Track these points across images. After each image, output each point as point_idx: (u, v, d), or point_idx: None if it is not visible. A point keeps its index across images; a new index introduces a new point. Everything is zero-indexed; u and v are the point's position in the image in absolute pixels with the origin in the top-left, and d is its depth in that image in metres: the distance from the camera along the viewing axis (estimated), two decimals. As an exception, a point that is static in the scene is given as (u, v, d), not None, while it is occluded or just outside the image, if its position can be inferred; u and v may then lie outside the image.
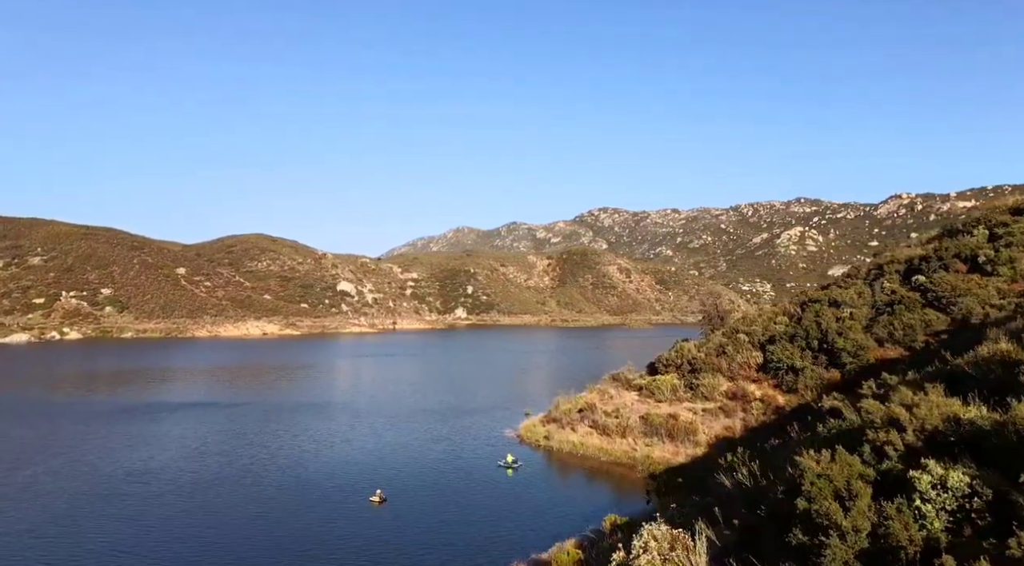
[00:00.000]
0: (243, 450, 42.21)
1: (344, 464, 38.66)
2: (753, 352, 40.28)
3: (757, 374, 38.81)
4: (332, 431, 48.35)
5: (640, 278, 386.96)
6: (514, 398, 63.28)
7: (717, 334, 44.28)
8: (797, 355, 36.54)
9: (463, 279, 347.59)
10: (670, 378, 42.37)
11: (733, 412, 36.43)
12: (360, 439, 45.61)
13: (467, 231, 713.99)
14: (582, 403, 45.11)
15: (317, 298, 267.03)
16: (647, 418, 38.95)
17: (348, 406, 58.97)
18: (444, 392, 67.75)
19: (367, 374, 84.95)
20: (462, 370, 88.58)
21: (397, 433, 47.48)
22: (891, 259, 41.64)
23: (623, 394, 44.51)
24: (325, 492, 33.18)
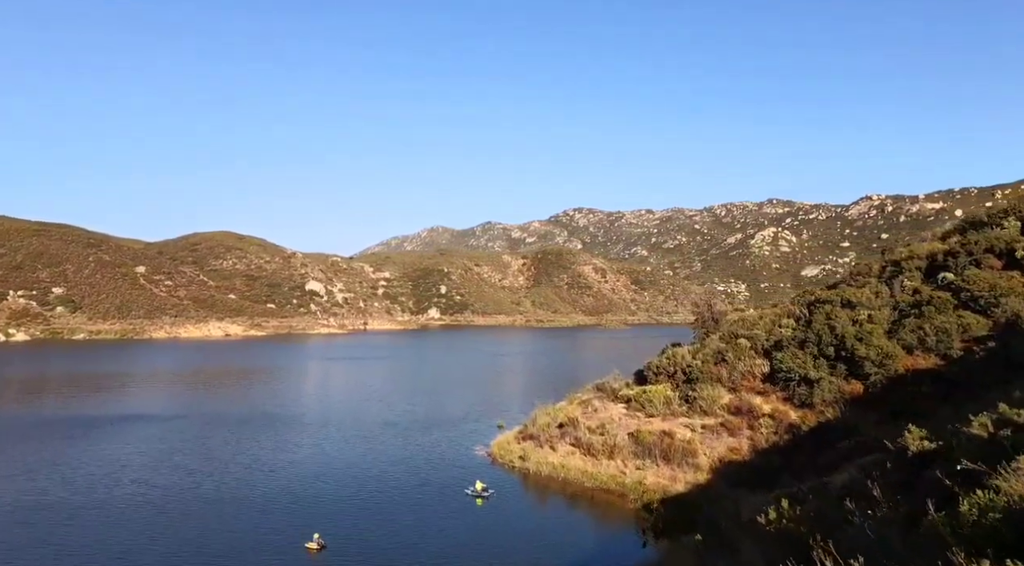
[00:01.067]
0: (164, 477, 36.05)
1: (283, 495, 32.77)
2: (757, 359, 35.40)
3: (763, 385, 33.95)
4: (277, 450, 42.36)
5: (615, 278, 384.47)
6: (487, 408, 57.84)
7: (714, 338, 39.33)
8: (810, 364, 31.72)
9: (437, 279, 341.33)
10: (662, 389, 37.29)
11: (738, 430, 31.50)
12: (307, 461, 39.69)
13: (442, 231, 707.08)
14: (562, 417, 39.83)
15: (285, 298, 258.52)
16: (638, 436, 33.79)
17: (302, 418, 52.94)
18: (411, 401, 62.01)
19: (329, 380, 78.72)
20: (432, 375, 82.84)
21: (352, 453, 41.63)
22: (909, 254, 37.15)
23: (608, 407, 39.32)
24: (253, 535, 27.31)
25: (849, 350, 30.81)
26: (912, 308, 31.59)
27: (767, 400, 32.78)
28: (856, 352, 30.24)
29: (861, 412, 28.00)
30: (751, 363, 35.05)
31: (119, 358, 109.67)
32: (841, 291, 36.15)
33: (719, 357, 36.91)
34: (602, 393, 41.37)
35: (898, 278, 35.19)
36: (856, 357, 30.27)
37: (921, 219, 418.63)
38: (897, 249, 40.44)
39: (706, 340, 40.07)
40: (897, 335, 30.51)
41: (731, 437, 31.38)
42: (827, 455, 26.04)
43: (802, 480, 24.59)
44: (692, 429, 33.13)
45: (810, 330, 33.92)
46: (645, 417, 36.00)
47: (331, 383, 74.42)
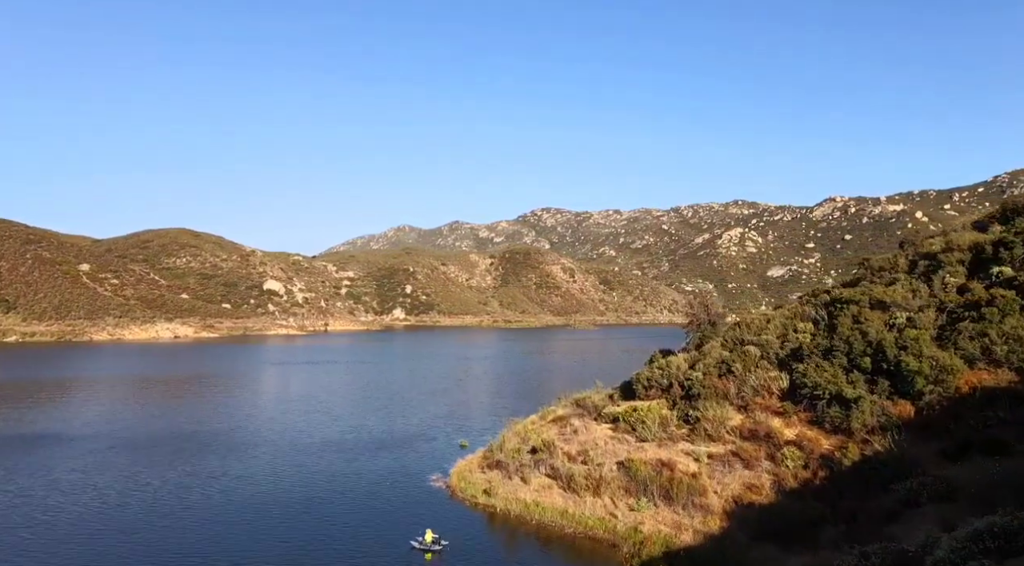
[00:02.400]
0: (37, 517, 28.37)
1: (171, 553, 25.40)
2: (771, 371, 29.32)
3: (781, 404, 27.87)
4: (189, 479, 34.75)
5: (584, 278, 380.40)
6: (448, 422, 50.91)
7: (715, 345, 33.14)
8: (842, 378, 25.75)
9: (402, 278, 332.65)
10: (656, 407, 30.95)
11: (754, 460, 25.36)
12: (219, 499, 32.21)
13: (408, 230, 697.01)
14: (536, 440, 33.20)
15: (241, 297, 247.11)
16: (629, 466, 27.34)
17: (230, 439, 45.24)
18: (363, 413, 54.69)
19: (273, 388, 70.77)
20: (389, 382, 75.43)
21: (279, 486, 34.25)
22: (946, 245, 31.54)
23: (591, 427, 32.83)
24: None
25: (891, 362, 24.94)
26: (966, 310, 25.96)
27: (788, 423, 26.70)
28: (903, 365, 24.37)
29: (917, 442, 22.12)
30: (764, 376, 28.94)
31: (47, 363, 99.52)
32: (867, 289, 30.31)
33: (724, 368, 30.72)
34: (582, 410, 34.86)
35: (937, 273, 29.64)
36: (902, 371, 24.43)
37: (883, 220, 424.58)
38: (926, 239, 34.93)
39: (705, 347, 33.85)
40: (951, 343, 24.82)
41: (747, 470, 25.21)
42: (881, 500, 19.95)
43: (856, 536, 18.44)
44: (696, 458, 26.81)
45: (835, 336, 27.96)
46: (636, 442, 29.59)
47: (274, 392, 66.52)
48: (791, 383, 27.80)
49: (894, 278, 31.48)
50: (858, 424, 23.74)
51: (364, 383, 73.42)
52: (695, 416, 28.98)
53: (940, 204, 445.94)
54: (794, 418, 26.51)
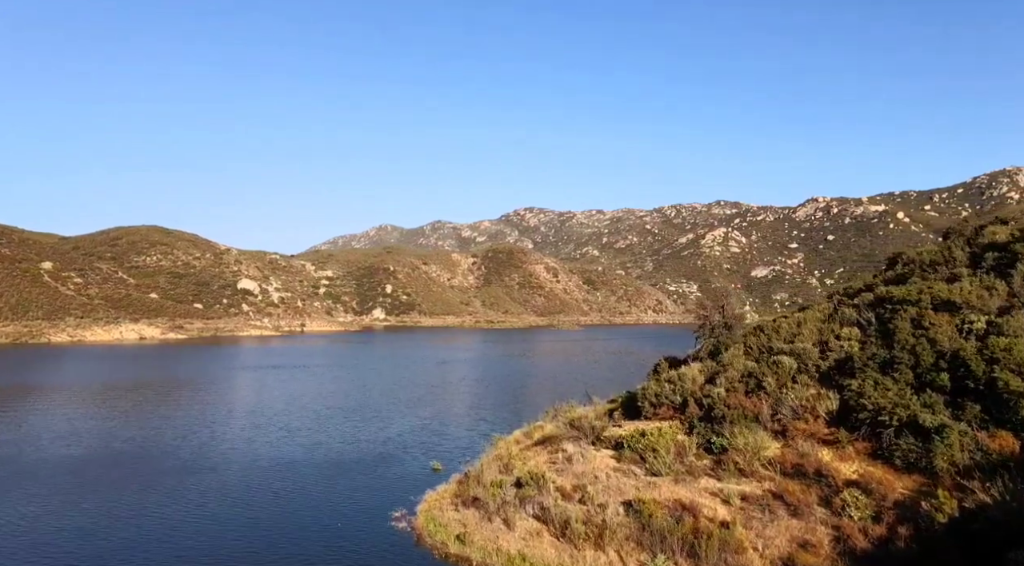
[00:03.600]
0: None
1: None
2: (811, 388, 23.73)
3: (830, 429, 22.26)
4: (91, 523, 28.40)
5: (567, 278, 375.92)
6: (421, 437, 44.83)
7: (736, 354, 27.48)
8: (913, 400, 20.20)
9: (382, 277, 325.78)
10: (670, 430, 25.19)
11: (804, 506, 19.70)
12: (130, 539, 26.01)
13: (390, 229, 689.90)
14: (521, 468, 27.30)
15: (213, 297, 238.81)
16: (640, 510, 21.52)
17: (163, 461, 38.78)
18: (324, 427, 48.39)
19: (230, 397, 64.12)
20: (360, 388, 69.11)
21: (199, 526, 28.04)
22: (1022, 233, 26.17)
23: (589, 454, 26.98)
24: None
25: (980, 380, 19.51)
26: (1066, 312, 20.73)
27: (842, 456, 21.12)
28: (999, 383, 18.90)
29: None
30: (806, 394, 23.30)
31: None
32: (930, 285, 24.83)
33: (752, 383, 25.04)
34: (577, 432, 28.98)
35: (1017, 267, 24.30)
36: (998, 392, 18.99)
37: (865, 220, 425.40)
38: (988, 228, 29.58)
39: (724, 355, 28.17)
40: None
41: (795, 519, 19.54)
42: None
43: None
44: (726, 500, 21.07)
45: (895, 344, 22.44)
46: (646, 476, 23.79)
47: (228, 402, 59.86)
48: (842, 404, 22.20)
49: (954, 273, 26.11)
50: (944, 462, 18.19)
51: (330, 390, 67.00)
52: (720, 444, 23.23)
53: (920, 205, 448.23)
54: (849, 449, 20.90)
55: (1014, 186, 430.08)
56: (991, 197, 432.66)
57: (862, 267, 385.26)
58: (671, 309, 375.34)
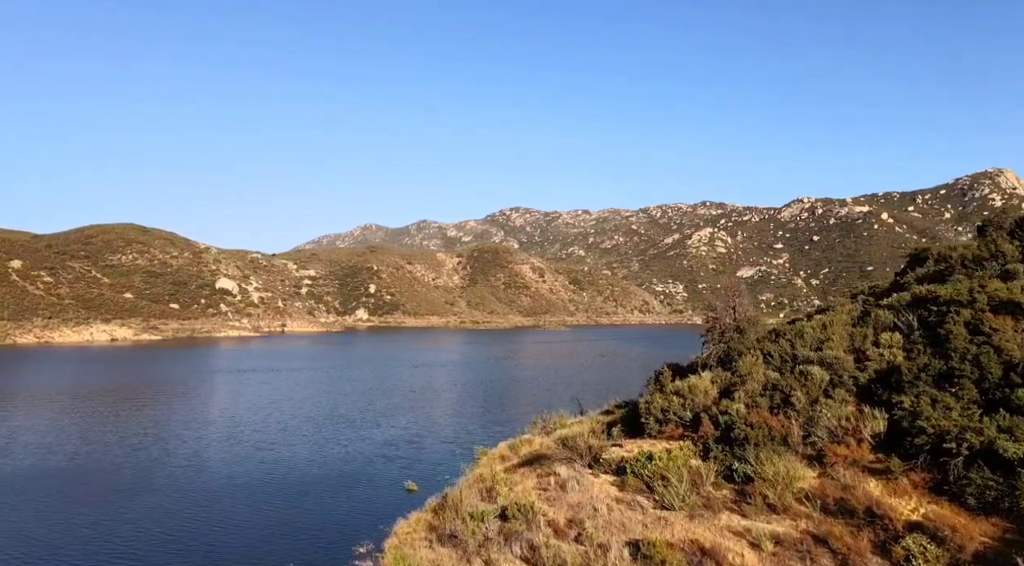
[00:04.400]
0: None
1: None
2: (850, 404, 20.10)
3: (876, 456, 18.58)
4: (22, 543, 24.18)
5: (554, 278, 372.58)
6: (397, 451, 40.78)
7: (754, 362, 23.79)
8: (986, 422, 16.57)
9: (365, 277, 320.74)
10: (681, 453, 21.42)
11: (855, 555, 16.01)
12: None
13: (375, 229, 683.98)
14: (506, 496, 23.46)
15: (191, 297, 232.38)
16: (649, 553, 17.73)
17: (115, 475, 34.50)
18: (293, 439, 44.18)
19: (196, 405, 59.57)
20: (336, 392, 64.86)
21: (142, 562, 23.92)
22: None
23: (585, 480, 23.14)
24: None
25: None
26: None
27: (896, 488, 17.44)
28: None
29: None
30: (844, 412, 19.65)
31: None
32: (978, 283, 21.29)
33: (777, 398, 21.36)
34: (571, 453, 25.17)
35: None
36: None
37: (850, 221, 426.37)
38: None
39: (739, 364, 24.50)
40: None
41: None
42: None
43: None
44: (755, 544, 17.32)
45: (951, 353, 18.86)
46: (656, 509, 20.00)
47: (189, 411, 55.37)
48: (890, 425, 18.55)
49: (1007, 270, 22.64)
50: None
51: (302, 397, 62.68)
52: (743, 471, 19.49)
53: (904, 206, 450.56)
54: (904, 482, 17.23)
55: (995, 188, 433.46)
56: (973, 199, 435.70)
57: (847, 268, 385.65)
58: (658, 309, 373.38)
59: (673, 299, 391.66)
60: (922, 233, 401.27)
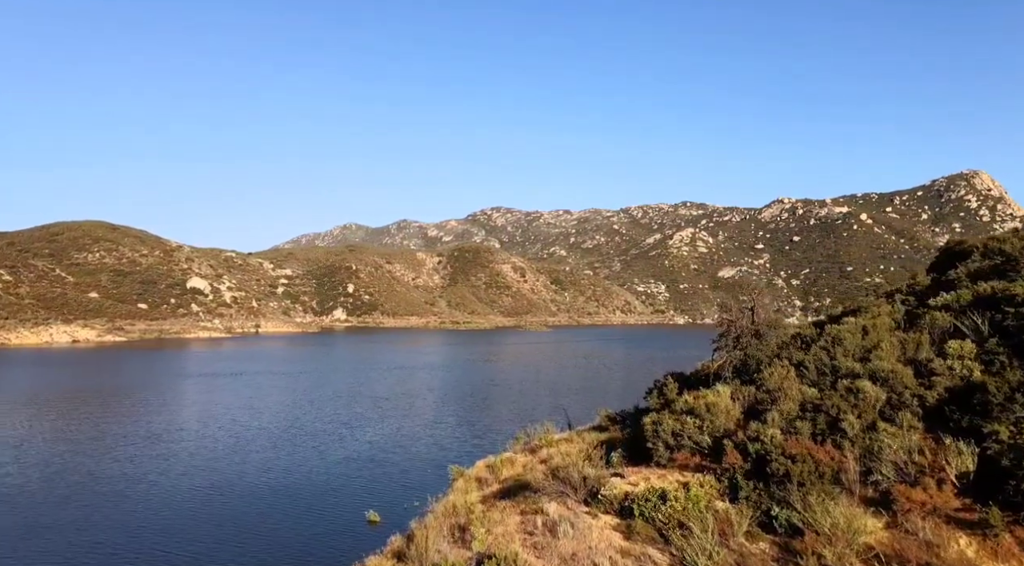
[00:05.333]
0: None
1: None
2: (918, 433, 15.89)
3: (963, 502, 14.47)
4: None
5: (535, 277, 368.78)
6: (361, 471, 36.03)
7: (784, 374, 19.50)
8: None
9: (344, 277, 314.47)
10: (701, 491, 17.05)
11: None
12: None
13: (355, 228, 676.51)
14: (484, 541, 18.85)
15: (160, 297, 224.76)
16: (668, 631, 13.37)
17: (46, 499, 29.40)
18: (237, 460, 39.17)
19: (138, 415, 54.09)
20: (302, 400, 59.81)
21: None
22: None
23: (581, 522, 18.66)
24: None
25: None
26: None
27: (996, 548, 13.32)
28: None
29: None
30: (914, 442, 15.44)
31: None
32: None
33: (822, 422, 17.06)
34: (563, 485, 20.61)
35: None
36: None
37: (829, 222, 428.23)
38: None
39: (766, 375, 20.19)
40: None
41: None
42: None
43: None
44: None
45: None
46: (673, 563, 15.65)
47: (133, 422, 49.94)
48: (982, 461, 14.37)
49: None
50: None
51: (264, 406, 57.53)
52: (786, 519, 15.12)
53: (882, 207, 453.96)
54: (1006, 539, 13.06)
55: (971, 189, 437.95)
56: (949, 200, 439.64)
57: (827, 268, 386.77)
58: (639, 310, 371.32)
59: (655, 299, 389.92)
60: (900, 234, 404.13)
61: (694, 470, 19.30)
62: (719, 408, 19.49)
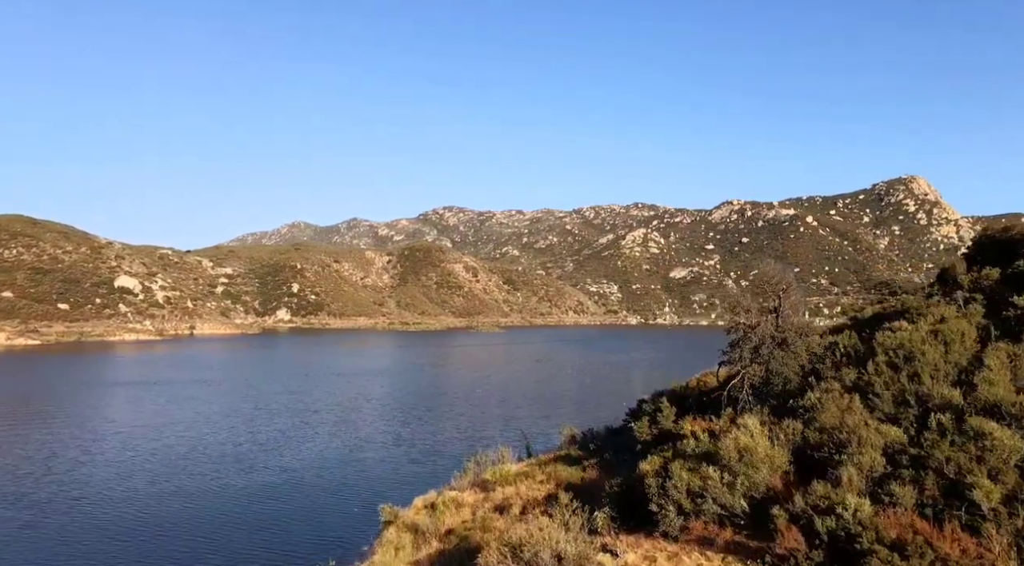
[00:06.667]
0: None
1: None
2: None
3: None
4: None
5: (487, 277, 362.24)
6: (265, 511, 28.62)
7: (850, 406, 13.31)
8: None
9: (288, 275, 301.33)
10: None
11: None
12: None
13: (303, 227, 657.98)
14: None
15: (84, 296, 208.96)
16: None
17: None
18: (103, 497, 31.21)
19: (9, 439, 45.13)
20: (214, 413, 51.57)
21: None
22: None
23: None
24: None
25: None
26: None
27: None
28: None
29: None
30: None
31: None
32: None
33: (935, 485, 10.97)
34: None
35: None
36: None
37: (777, 224, 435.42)
38: None
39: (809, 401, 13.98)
40: None
41: None
42: None
43: None
44: None
45: None
46: None
47: (11, 454, 41.05)
48: None
49: None
50: None
51: (170, 422, 49.07)
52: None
53: (826, 209, 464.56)
54: None
55: (909, 193, 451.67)
56: (889, 204, 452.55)
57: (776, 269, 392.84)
58: (592, 310, 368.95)
59: (607, 299, 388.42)
60: (843, 236, 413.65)
61: (724, 549, 12.89)
62: (756, 455, 13.14)
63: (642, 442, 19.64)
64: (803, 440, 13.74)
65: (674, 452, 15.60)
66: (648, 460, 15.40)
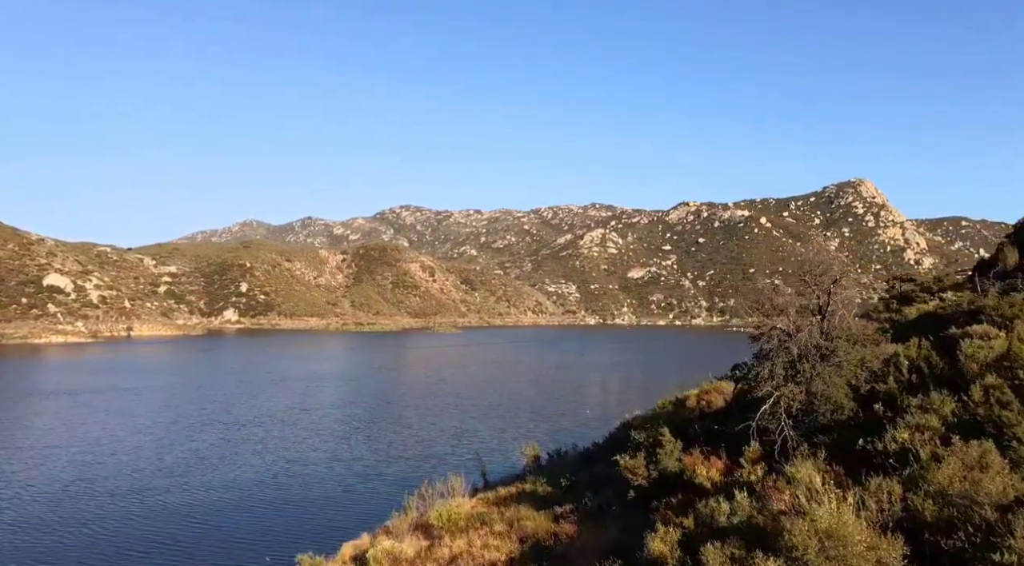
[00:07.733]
0: None
1: None
2: None
3: None
4: None
5: (445, 277, 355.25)
6: (158, 561, 22.63)
7: (980, 459, 8.45)
8: None
9: (237, 274, 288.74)
10: None
11: None
12: None
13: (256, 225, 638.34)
14: None
15: (9, 295, 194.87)
16: None
17: None
18: (15, 526, 24.67)
19: None
20: (128, 429, 44.76)
21: None
22: None
23: None
24: None
25: None
26: None
27: None
28: None
29: None
30: None
31: None
32: None
33: None
34: None
35: None
36: None
37: (732, 225, 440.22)
38: None
39: (901, 444, 9.05)
40: None
41: None
42: None
43: None
44: None
45: None
46: None
47: None
48: None
49: None
50: None
51: (68, 441, 42.05)
52: None
53: (780, 211, 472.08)
54: None
55: (857, 196, 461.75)
56: (839, 206, 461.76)
57: (731, 270, 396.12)
58: (551, 310, 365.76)
59: (566, 300, 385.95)
60: (796, 237, 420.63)
61: None
62: (850, 546, 8.16)
63: (636, 487, 14.55)
64: (905, 512, 8.84)
65: (697, 519, 10.56)
66: (659, 533, 10.34)
